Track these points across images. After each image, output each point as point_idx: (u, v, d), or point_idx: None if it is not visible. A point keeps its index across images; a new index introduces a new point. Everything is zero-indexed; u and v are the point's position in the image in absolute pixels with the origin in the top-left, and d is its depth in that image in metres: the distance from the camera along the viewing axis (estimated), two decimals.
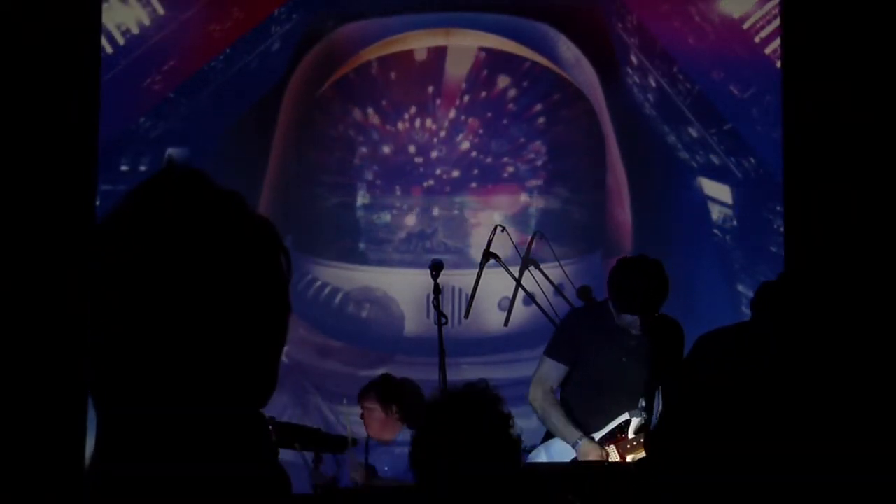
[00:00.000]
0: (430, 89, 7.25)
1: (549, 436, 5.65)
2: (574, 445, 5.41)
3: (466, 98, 7.22)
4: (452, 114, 7.23)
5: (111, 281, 1.21)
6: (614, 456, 5.43)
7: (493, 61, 7.23)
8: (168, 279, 1.20)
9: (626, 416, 5.44)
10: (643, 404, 5.40)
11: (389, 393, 6.09)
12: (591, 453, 5.36)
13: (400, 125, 7.25)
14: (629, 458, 5.39)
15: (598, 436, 5.46)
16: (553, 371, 5.58)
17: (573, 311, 5.88)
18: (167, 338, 1.19)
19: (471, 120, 7.23)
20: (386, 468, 5.93)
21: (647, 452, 4.93)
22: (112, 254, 1.22)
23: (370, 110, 7.26)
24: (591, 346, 5.49)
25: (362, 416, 6.16)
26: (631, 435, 5.42)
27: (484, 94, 7.22)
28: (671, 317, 5.59)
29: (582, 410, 5.51)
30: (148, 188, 1.27)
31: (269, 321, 1.24)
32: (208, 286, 1.20)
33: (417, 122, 7.24)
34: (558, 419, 5.48)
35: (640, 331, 5.43)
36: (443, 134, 7.23)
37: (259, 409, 1.26)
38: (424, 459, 2.72)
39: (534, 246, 6.29)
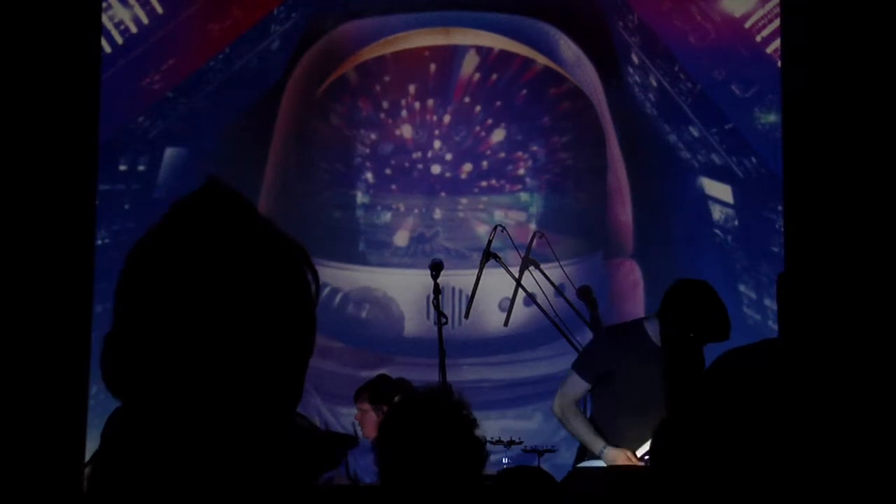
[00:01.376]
0: (430, 89, 7.22)
1: (582, 453, 5.58)
2: (600, 454, 5.35)
3: (466, 98, 7.20)
4: (452, 113, 7.20)
5: (144, 295, 1.26)
6: None
7: (493, 61, 7.20)
8: (200, 296, 1.25)
9: None
10: None
11: (380, 394, 6.08)
12: (618, 458, 5.29)
13: (399, 124, 7.22)
14: None
15: (639, 452, 5.35)
16: (576, 386, 5.47)
17: (607, 330, 5.75)
18: (195, 352, 1.24)
19: (471, 119, 7.20)
20: None
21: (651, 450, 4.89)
22: (150, 269, 1.27)
23: (369, 109, 7.23)
24: (624, 364, 5.36)
25: (357, 418, 6.16)
26: None
27: (484, 93, 7.19)
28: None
29: (616, 426, 5.42)
30: (187, 207, 1.31)
31: (294, 338, 1.29)
32: (238, 304, 1.25)
33: (417, 122, 7.21)
34: (581, 428, 5.43)
35: None
36: (442, 133, 7.21)
37: (283, 419, 1.31)
38: (386, 461, 2.73)
39: (534, 246, 6.26)
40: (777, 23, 6.92)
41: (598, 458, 5.40)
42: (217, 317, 1.25)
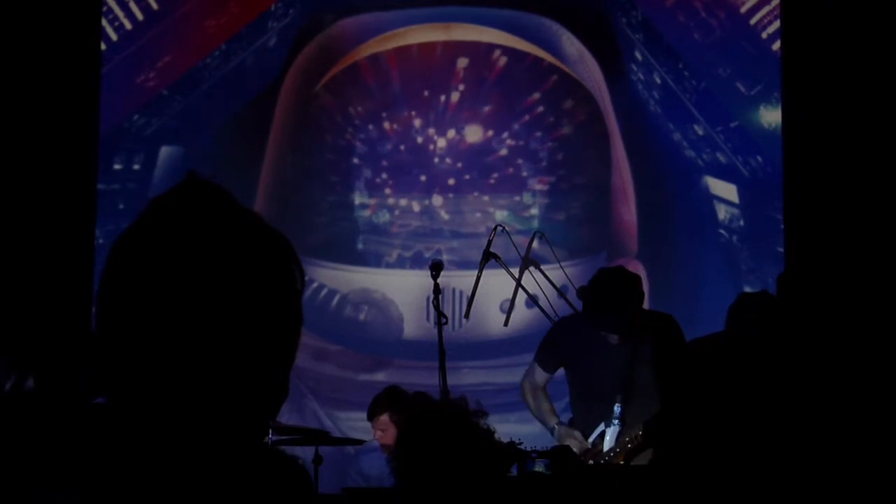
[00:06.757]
0: (430, 86, 7.16)
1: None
2: (552, 431, 5.48)
3: (467, 95, 7.13)
4: (452, 111, 7.14)
5: (126, 290, 1.25)
6: None
7: (495, 57, 7.13)
8: (183, 291, 1.24)
9: (602, 427, 5.41)
10: (618, 413, 5.36)
11: (399, 407, 6.06)
12: (566, 438, 5.38)
13: (399, 123, 7.16)
14: None
15: (591, 438, 5.43)
16: (537, 374, 5.64)
17: (561, 319, 5.82)
18: (180, 348, 1.24)
19: (471, 117, 7.14)
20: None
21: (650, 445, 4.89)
22: (129, 264, 1.26)
23: (368, 107, 7.18)
24: (575, 352, 5.50)
25: (378, 437, 6.07)
26: (605, 447, 5.37)
27: (485, 91, 7.13)
28: (661, 313, 5.48)
29: (580, 414, 5.53)
30: (167, 201, 1.30)
31: (281, 333, 1.29)
32: (222, 298, 1.25)
33: (417, 120, 7.16)
34: (538, 406, 5.58)
35: (617, 340, 5.35)
36: (442, 132, 7.15)
37: (270, 418, 1.31)
38: (405, 473, 2.74)
39: (535, 246, 6.20)
40: None
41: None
42: (201, 312, 1.24)
